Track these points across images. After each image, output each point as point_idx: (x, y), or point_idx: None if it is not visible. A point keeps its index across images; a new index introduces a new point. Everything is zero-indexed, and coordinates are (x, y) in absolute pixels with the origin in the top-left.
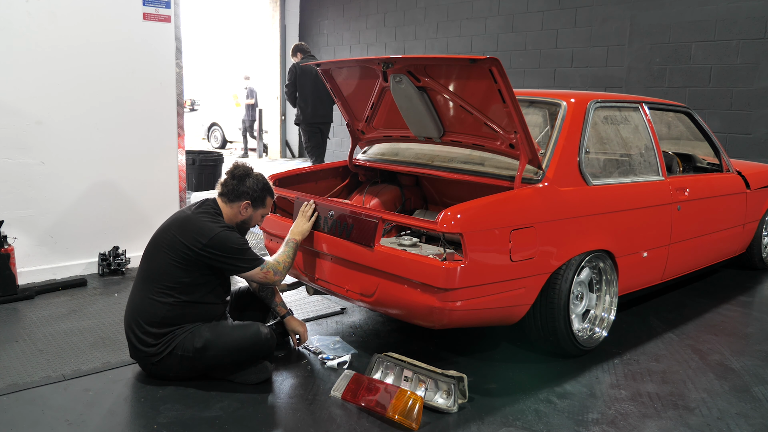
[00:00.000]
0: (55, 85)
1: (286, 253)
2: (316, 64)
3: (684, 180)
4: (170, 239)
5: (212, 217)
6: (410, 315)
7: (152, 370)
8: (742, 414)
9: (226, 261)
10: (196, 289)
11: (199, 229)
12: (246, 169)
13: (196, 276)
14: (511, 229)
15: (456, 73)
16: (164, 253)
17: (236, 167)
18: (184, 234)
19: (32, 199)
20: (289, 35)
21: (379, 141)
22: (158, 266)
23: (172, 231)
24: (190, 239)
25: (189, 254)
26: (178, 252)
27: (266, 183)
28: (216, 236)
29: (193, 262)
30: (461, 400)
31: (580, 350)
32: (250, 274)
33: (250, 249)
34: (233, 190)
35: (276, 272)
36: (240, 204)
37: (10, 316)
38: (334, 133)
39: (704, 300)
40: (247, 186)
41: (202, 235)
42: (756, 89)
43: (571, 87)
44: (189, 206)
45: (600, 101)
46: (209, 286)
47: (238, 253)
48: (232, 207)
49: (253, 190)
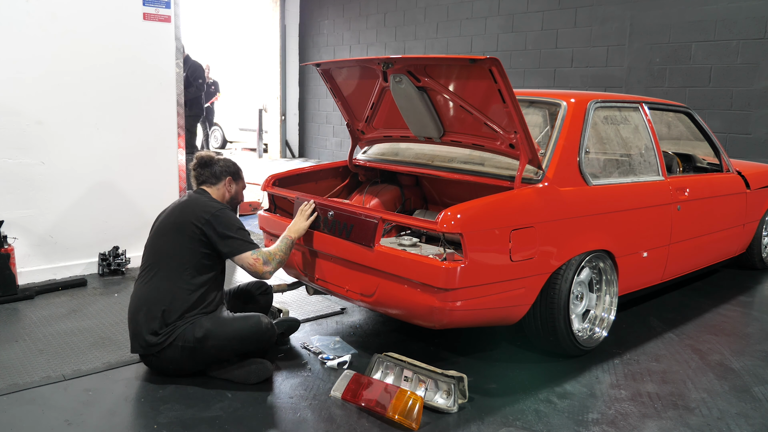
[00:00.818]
0: (55, 85)
1: (279, 247)
2: (315, 64)
3: (684, 180)
4: (174, 220)
5: (212, 199)
6: (410, 315)
7: (153, 362)
8: (742, 414)
9: (223, 236)
10: (199, 273)
11: (203, 204)
12: (208, 155)
13: (200, 257)
14: (511, 229)
15: (456, 73)
16: (170, 235)
17: (200, 158)
18: (189, 213)
19: (32, 199)
20: (289, 35)
21: (379, 141)
22: (164, 250)
23: (176, 213)
24: (195, 216)
25: (195, 231)
26: (184, 231)
27: (233, 160)
28: (219, 211)
29: (198, 239)
30: (461, 400)
31: (580, 350)
32: (241, 257)
33: (248, 233)
34: (212, 174)
35: (266, 262)
36: (224, 182)
37: (10, 316)
38: (334, 133)
39: (704, 300)
40: (220, 166)
41: (205, 211)
42: (756, 89)
43: (571, 87)
44: (185, 196)
45: (600, 101)
46: (211, 272)
47: (236, 231)
48: (218, 188)
49: (227, 167)
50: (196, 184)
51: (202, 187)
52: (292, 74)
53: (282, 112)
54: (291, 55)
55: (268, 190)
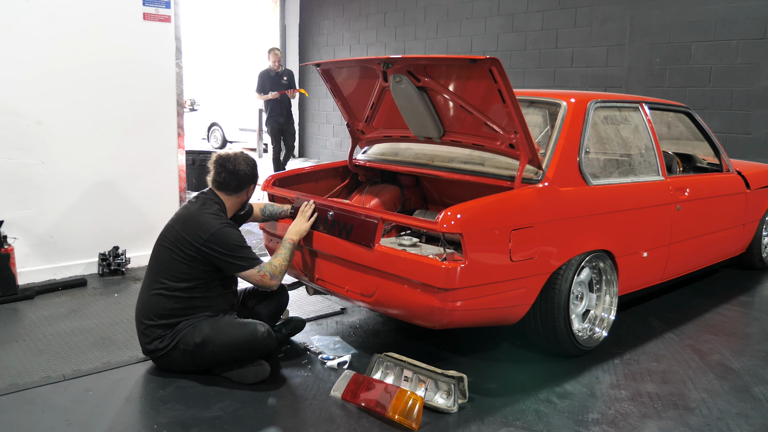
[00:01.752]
0: (55, 85)
1: (282, 256)
2: (315, 64)
3: (684, 180)
4: (174, 236)
5: (214, 213)
6: (410, 315)
7: (160, 363)
8: (742, 414)
9: (224, 257)
10: (201, 284)
11: (201, 224)
12: (235, 159)
13: (200, 271)
14: (511, 229)
15: (456, 73)
16: (169, 249)
17: (227, 160)
18: (186, 230)
19: (32, 199)
20: (289, 35)
21: (379, 141)
22: (164, 262)
23: (176, 228)
24: (192, 235)
25: (191, 250)
26: (180, 248)
27: (249, 158)
28: (216, 232)
29: (195, 257)
30: (461, 400)
31: (580, 350)
32: (246, 274)
33: (249, 248)
34: (236, 182)
35: (273, 276)
36: (246, 190)
37: (10, 316)
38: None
39: (704, 300)
40: (244, 173)
41: (203, 231)
42: (756, 89)
43: (571, 87)
44: (191, 200)
45: (600, 101)
46: (214, 281)
47: (237, 251)
48: (239, 196)
49: (250, 175)
50: (213, 185)
51: (217, 192)
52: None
53: None
54: (291, 55)
55: (268, 190)
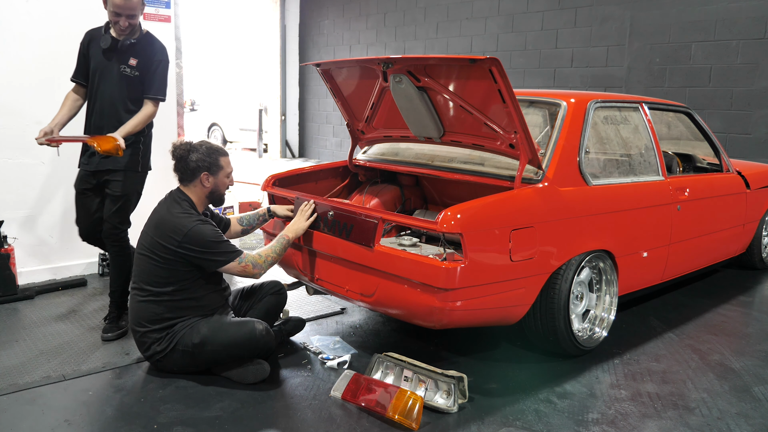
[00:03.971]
0: (55, 86)
1: (272, 247)
2: (315, 64)
3: (684, 180)
4: (149, 242)
5: (185, 211)
6: (410, 315)
7: (160, 365)
8: (742, 414)
9: (201, 255)
10: (186, 285)
11: (173, 227)
12: (185, 146)
13: (182, 273)
14: (511, 229)
15: (456, 73)
16: (146, 256)
17: (175, 148)
18: (160, 235)
19: (32, 199)
20: (289, 35)
21: (379, 141)
22: (144, 269)
23: (150, 233)
24: (166, 238)
25: (168, 253)
26: (157, 253)
27: (211, 146)
28: (189, 232)
29: (173, 260)
30: (461, 400)
31: (580, 350)
32: (227, 268)
33: (226, 242)
34: (184, 170)
35: (255, 265)
36: (199, 178)
37: (10, 316)
38: (334, 133)
39: (704, 300)
40: (193, 160)
41: (176, 233)
42: (756, 89)
43: (571, 87)
44: (160, 202)
45: (600, 101)
46: (199, 280)
47: (213, 246)
48: (195, 185)
49: (202, 161)
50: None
51: (181, 187)
52: (292, 74)
53: (282, 112)
54: (291, 55)
55: (268, 190)
